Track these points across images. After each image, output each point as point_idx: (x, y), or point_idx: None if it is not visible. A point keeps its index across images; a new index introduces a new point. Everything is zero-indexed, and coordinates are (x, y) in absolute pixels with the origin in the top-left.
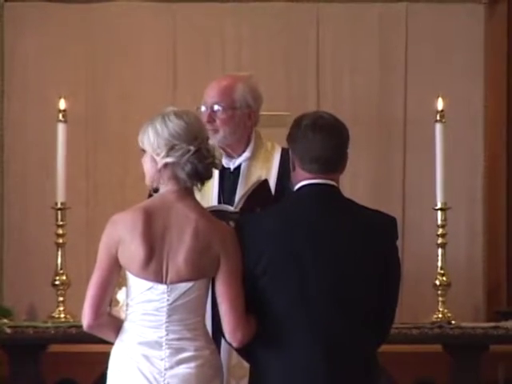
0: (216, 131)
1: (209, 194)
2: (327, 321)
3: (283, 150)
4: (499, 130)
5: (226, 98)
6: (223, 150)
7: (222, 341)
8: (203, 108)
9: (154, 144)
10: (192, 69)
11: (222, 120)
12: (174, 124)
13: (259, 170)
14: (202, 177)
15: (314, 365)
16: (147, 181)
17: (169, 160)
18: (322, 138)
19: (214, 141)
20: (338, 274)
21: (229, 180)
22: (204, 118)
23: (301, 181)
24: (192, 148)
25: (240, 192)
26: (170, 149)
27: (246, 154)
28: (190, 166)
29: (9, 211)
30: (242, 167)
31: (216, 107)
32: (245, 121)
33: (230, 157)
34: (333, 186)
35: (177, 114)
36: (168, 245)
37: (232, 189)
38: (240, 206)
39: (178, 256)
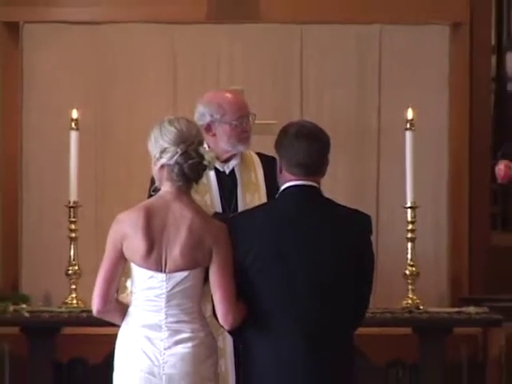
0: (249, 138)
1: (211, 194)
2: (309, 307)
3: (259, 154)
4: (462, 137)
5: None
6: (232, 156)
7: None
8: (237, 122)
9: (152, 150)
10: (190, 83)
11: (250, 128)
12: (167, 130)
13: (249, 171)
14: (189, 176)
15: (297, 346)
16: (156, 182)
17: (162, 161)
18: (306, 146)
19: (247, 147)
20: (318, 265)
21: (227, 182)
22: (239, 129)
23: (287, 182)
24: (179, 150)
25: (241, 193)
26: (162, 151)
27: (237, 159)
28: (178, 167)
29: (27, 209)
30: (236, 170)
31: (250, 118)
32: None
33: (224, 162)
34: (315, 187)
35: (170, 122)
36: (166, 239)
37: (232, 188)
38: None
39: (175, 249)
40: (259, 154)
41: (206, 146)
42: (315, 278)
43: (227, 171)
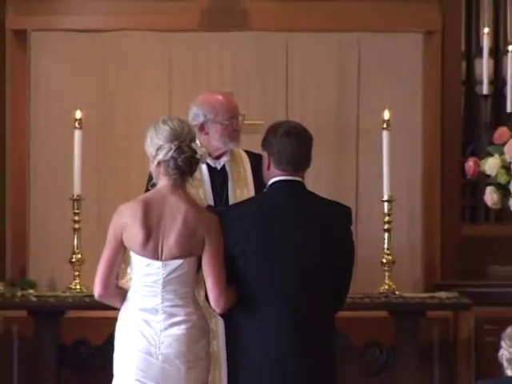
0: (239, 136)
1: (204, 188)
2: (294, 291)
3: (247, 152)
4: (434, 136)
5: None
6: (223, 153)
7: None
8: (228, 122)
9: (149, 148)
10: (184, 85)
11: (240, 127)
12: (161, 129)
13: (238, 167)
14: (183, 169)
15: (283, 326)
16: (154, 178)
17: (158, 158)
18: (295, 145)
19: (237, 145)
20: (303, 253)
21: (218, 177)
22: (230, 128)
23: (274, 177)
24: (173, 146)
25: (231, 187)
26: (158, 149)
27: (228, 156)
28: (173, 161)
29: (35, 202)
30: (226, 166)
31: (240, 118)
32: None
33: (216, 159)
34: (300, 181)
35: (164, 121)
36: (162, 229)
37: (222, 183)
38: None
39: (171, 238)
40: (247, 152)
41: (198, 143)
42: (300, 265)
43: (219, 167)
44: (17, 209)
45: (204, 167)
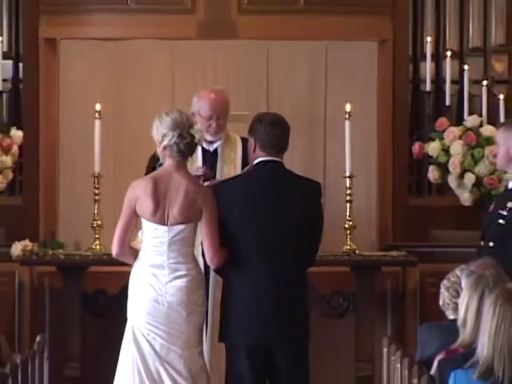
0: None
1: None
2: (275, 250)
3: (242, 138)
4: (387, 125)
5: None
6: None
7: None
8: (205, 118)
9: (155, 135)
10: (184, 84)
11: (216, 125)
12: (164, 120)
13: (230, 152)
14: (185, 152)
15: (265, 276)
16: (161, 159)
17: (164, 143)
18: (276, 132)
19: (214, 137)
20: (282, 219)
21: (210, 158)
22: (207, 123)
23: (259, 157)
24: (175, 133)
25: (220, 167)
26: (163, 136)
27: (221, 141)
28: (176, 146)
29: (63, 178)
30: (219, 149)
31: (219, 118)
32: None
33: (210, 143)
34: (279, 161)
35: (166, 113)
36: (168, 201)
37: (213, 164)
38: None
39: (175, 208)
40: (242, 138)
41: (196, 127)
42: (280, 229)
43: (211, 150)
44: (48, 184)
45: (199, 150)
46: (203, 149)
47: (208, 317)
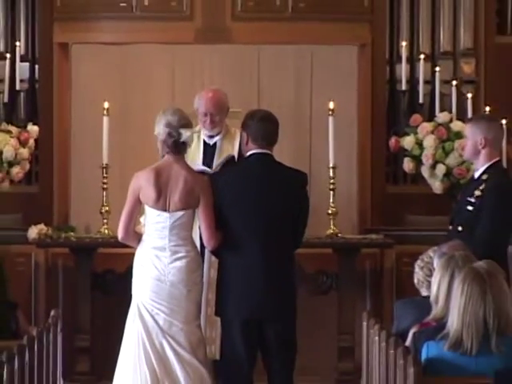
0: (210, 126)
1: (198, 160)
2: (265, 233)
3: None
4: (366, 121)
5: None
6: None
7: (206, 250)
8: (202, 115)
9: (156, 130)
10: (184, 84)
11: (211, 122)
12: (161, 119)
13: (228, 145)
14: (173, 148)
15: (256, 256)
16: (160, 152)
17: (160, 138)
18: (268, 126)
19: (210, 132)
20: (272, 205)
21: (210, 152)
22: (203, 119)
23: (251, 150)
24: (166, 132)
25: (217, 159)
26: (159, 132)
27: (220, 135)
28: (166, 143)
29: (75, 169)
30: (218, 144)
31: (215, 116)
32: None
33: (211, 137)
34: (270, 154)
35: (164, 112)
36: (169, 189)
37: (212, 157)
38: (217, 169)
39: (175, 196)
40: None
41: (192, 129)
42: (270, 214)
43: (211, 143)
44: (61, 174)
45: (201, 143)
46: (205, 142)
47: (203, 294)
